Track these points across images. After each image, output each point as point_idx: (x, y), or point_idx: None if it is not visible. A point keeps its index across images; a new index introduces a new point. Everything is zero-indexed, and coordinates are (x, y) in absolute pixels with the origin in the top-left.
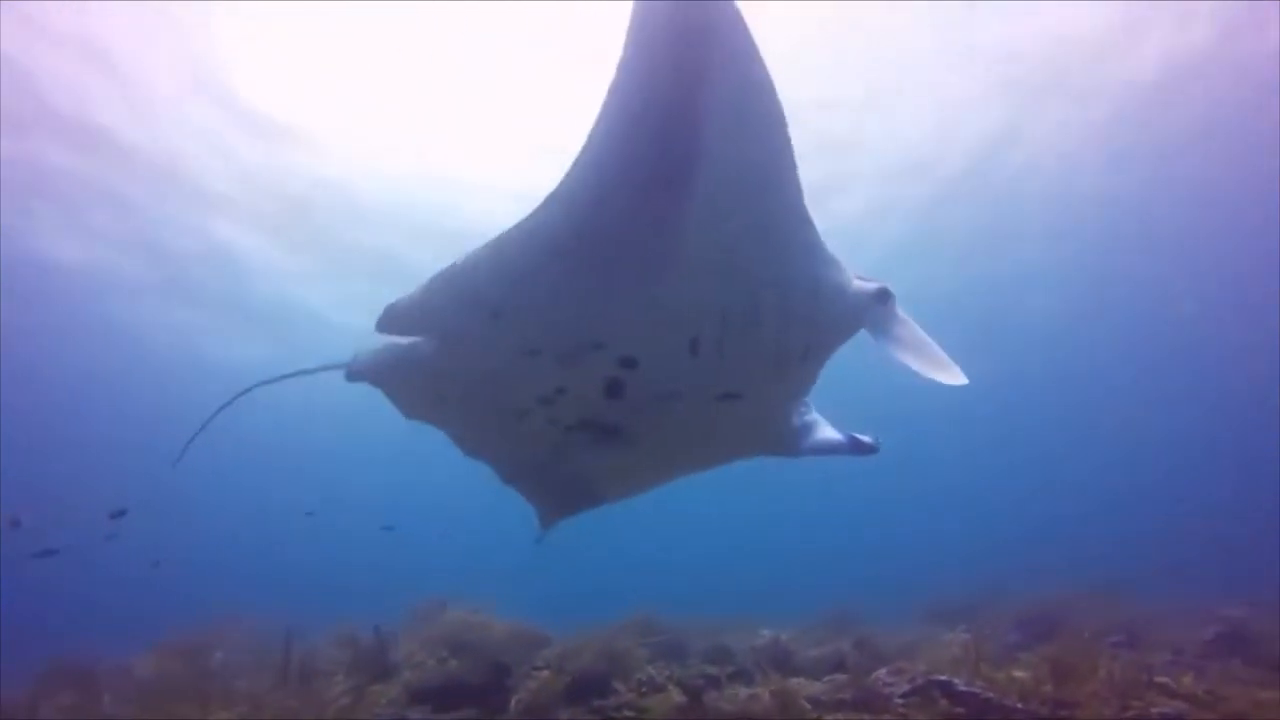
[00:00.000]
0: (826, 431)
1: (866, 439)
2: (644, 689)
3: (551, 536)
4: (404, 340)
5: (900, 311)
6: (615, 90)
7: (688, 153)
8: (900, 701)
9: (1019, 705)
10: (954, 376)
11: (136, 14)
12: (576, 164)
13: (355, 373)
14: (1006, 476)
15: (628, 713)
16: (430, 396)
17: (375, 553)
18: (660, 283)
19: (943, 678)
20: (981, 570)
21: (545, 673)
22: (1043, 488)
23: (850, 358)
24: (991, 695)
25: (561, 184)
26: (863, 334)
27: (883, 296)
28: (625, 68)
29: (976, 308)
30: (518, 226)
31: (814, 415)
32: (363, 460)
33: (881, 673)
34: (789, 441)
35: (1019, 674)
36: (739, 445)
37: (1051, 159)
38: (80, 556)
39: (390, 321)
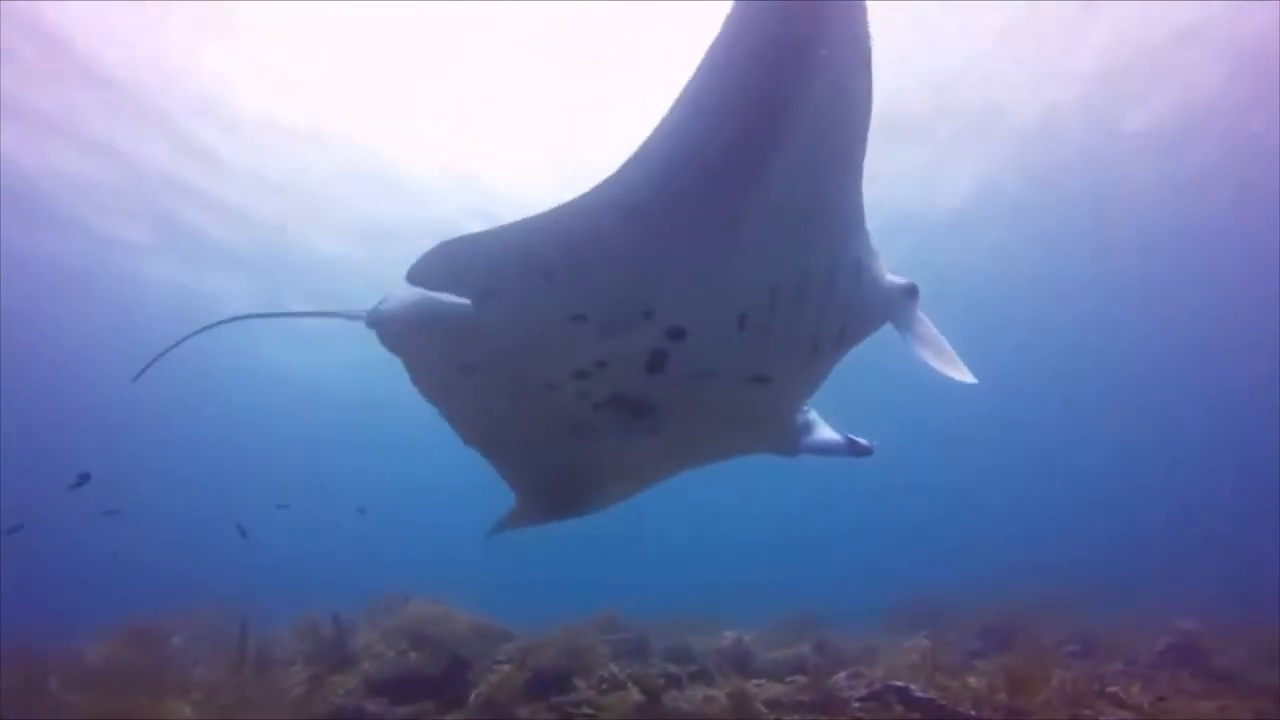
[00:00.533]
0: (825, 431)
1: (863, 441)
2: (604, 686)
3: (525, 534)
4: (441, 295)
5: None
6: (720, 50)
7: (781, 122)
8: (857, 705)
9: (972, 712)
10: (965, 375)
11: None
12: (662, 124)
13: (379, 319)
14: (995, 475)
15: (586, 710)
16: (453, 362)
17: (349, 543)
18: (723, 252)
19: (900, 684)
20: (964, 573)
21: (506, 667)
22: (1032, 488)
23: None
24: (946, 702)
25: (644, 145)
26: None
27: (911, 292)
28: (736, 27)
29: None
30: (589, 191)
31: (813, 414)
32: (340, 449)
33: (840, 677)
34: (792, 438)
35: (974, 682)
36: (750, 437)
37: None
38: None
39: (427, 271)
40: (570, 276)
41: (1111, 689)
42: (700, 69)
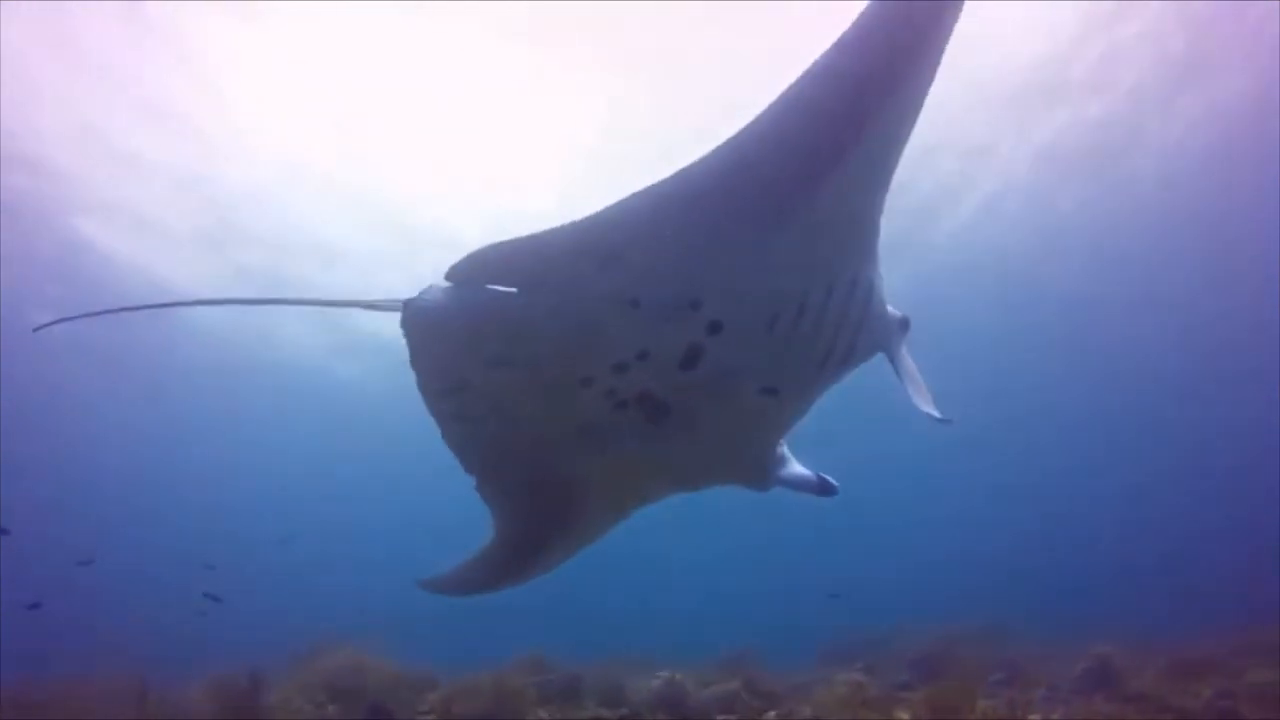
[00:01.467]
0: (797, 466)
1: (831, 480)
2: None
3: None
4: (490, 285)
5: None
6: (841, 53)
7: (864, 131)
8: None
9: None
10: (937, 413)
11: None
12: (758, 120)
13: (421, 307)
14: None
15: None
16: (483, 357)
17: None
18: (774, 251)
19: None
20: (904, 607)
21: (430, 717)
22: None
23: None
24: None
25: (732, 139)
26: None
27: (905, 324)
28: (864, 32)
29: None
30: (663, 179)
31: (785, 448)
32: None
33: (770, 716)
34: (769, 469)
35: (901, 715)
36: (739, 459)
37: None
38: None
39: (470, 268)
40: (627, 260)
41: (1032, 717)
42: (816, 71)
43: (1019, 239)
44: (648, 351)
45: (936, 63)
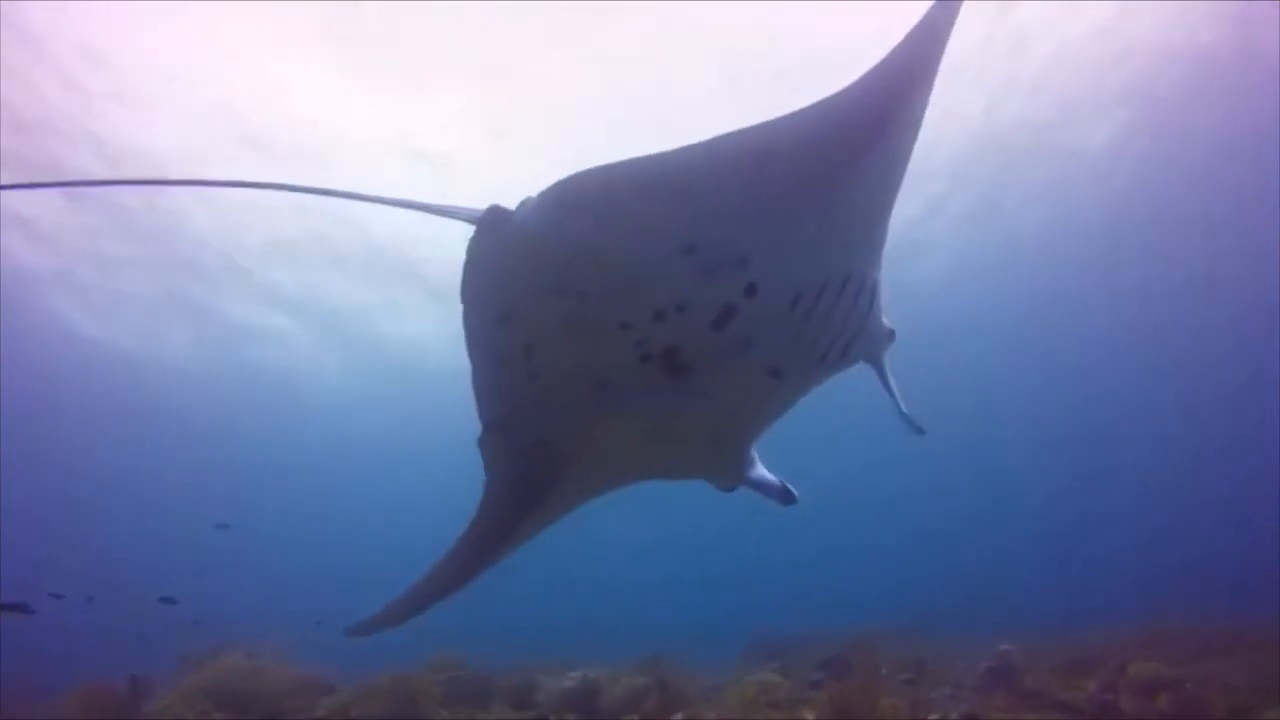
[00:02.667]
0: (764, 470)
1: (792, 489)
2: None
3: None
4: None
5: None
6: (916, 39)
7: (918, 110)
8: None
9: None
10: (912, 427)
11: None
12: (850, 87)
13: (496, 220)
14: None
15: None
16: (543, 284)
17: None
18: (816, 221)
19: None
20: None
21: None
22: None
23: None
24: None
25: (819, 103)
26: None
27: (892, 335)
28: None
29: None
30: (745, 128)
31: (754, 451)
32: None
33: (677, 718)
34: (743, 465)
35: (806, 715)
36: (727, 445)
37: None
38: None
39: (557, 191)
40: (697, 204)
41: (933, 717)
42: (901, 51)
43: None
44: (687, 304)
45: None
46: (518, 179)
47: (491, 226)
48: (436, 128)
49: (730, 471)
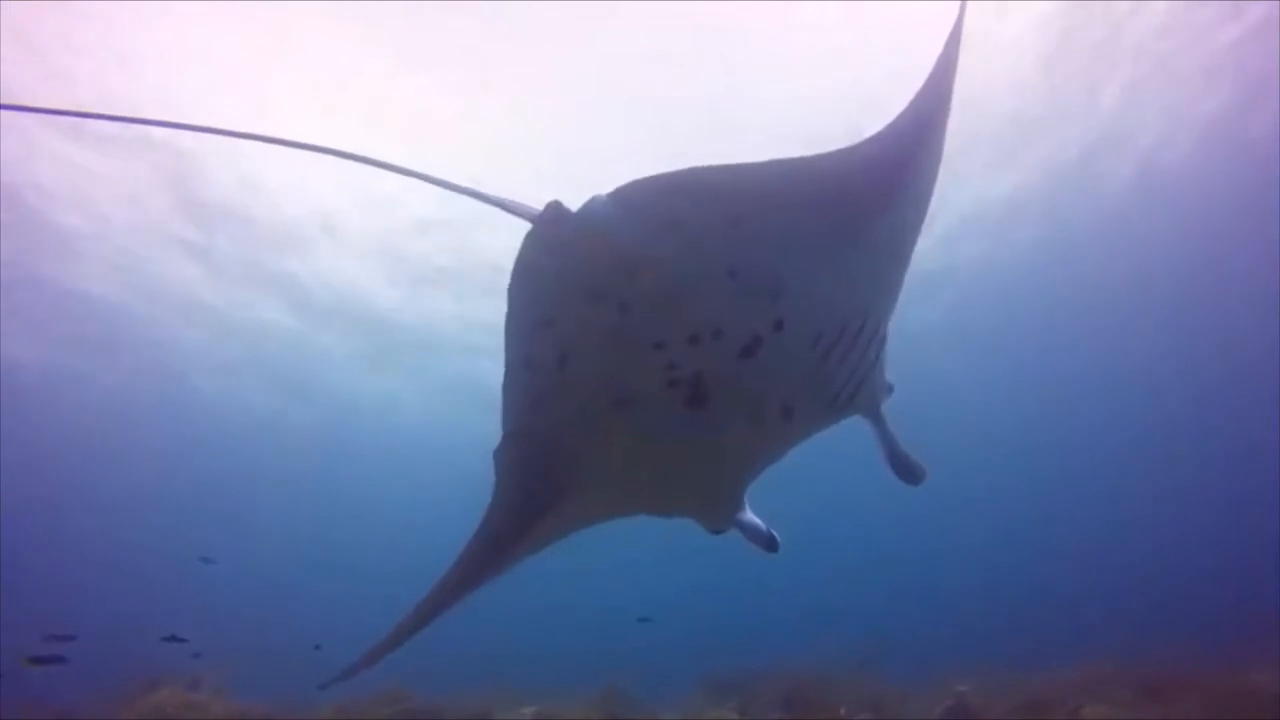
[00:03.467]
0: (752, 514)
1: (777, 536)
2: None
3: None
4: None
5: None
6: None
7: (929, 153)
8: None
9: None
10: (915, 478)
11: None
12: (895, 122)
13: (575, 219)
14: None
15: None
16: (591, 288)
17: None
18: (845, 260)
19: None
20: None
21: None
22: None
23: None
24: None
25: (877, 135)
26: None
27: (890, 389)
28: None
29: None
30: (806, 157)
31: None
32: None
33: None
34: (734, 509)
35: None
36: (728, 484)
37: None
38: None
39: (629, 192)
40: (748, 228)
41: None
42: (925, 92)
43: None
44: (722, 330)
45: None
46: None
47: (549, 223)
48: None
49: (725, 512)
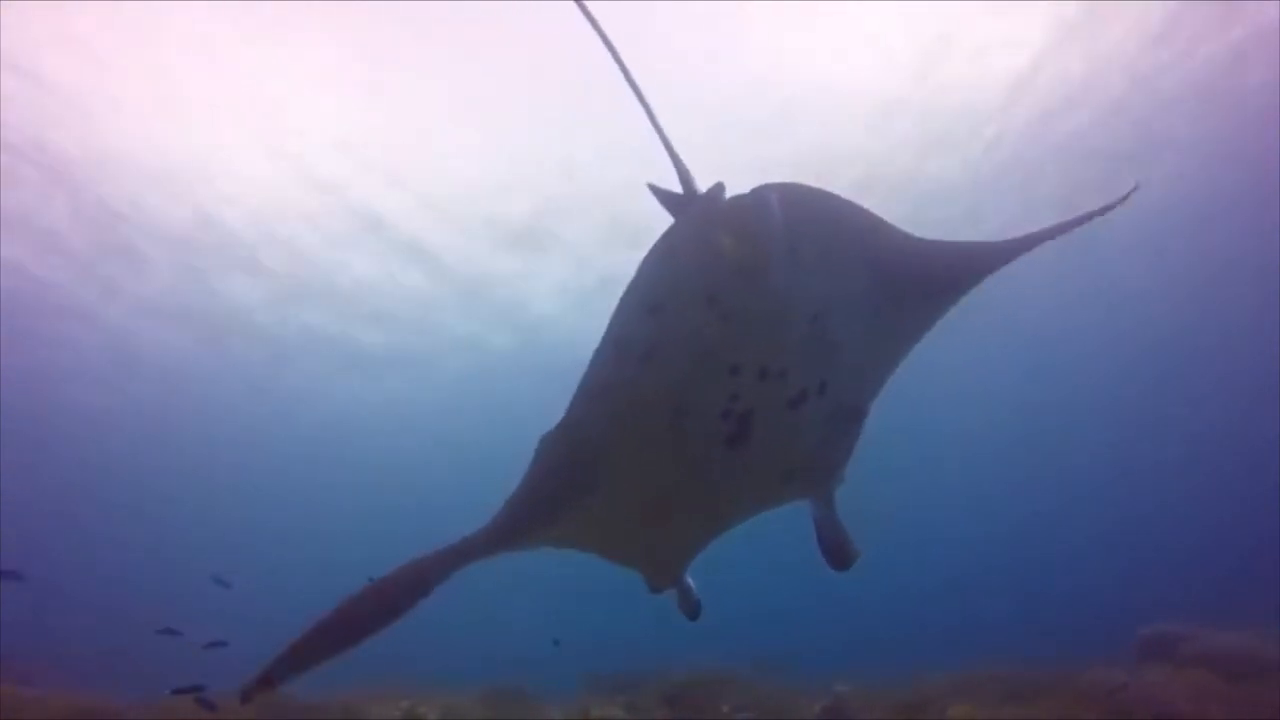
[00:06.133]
0: (689, 578)
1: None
2: None
3: None
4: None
5: None
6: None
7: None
8: None
9: None
10: (847, 563)
11: None
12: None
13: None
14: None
15: None
16: (714, 284)
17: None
18: (892, 340)
19: None
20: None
21: None
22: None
23: None
24: None
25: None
26: None
27: (842, 479)
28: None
29: None
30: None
31: None
32: None
33: None
34: (683, 569)
35: None
36: (697, 539)
37: None
38: None
39: (797, 198)
40: (850, 280)
41: None
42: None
43: None
44: (787, 373)
45: None
46: None
47: (707, 202)
48: None
49: (681, 567)
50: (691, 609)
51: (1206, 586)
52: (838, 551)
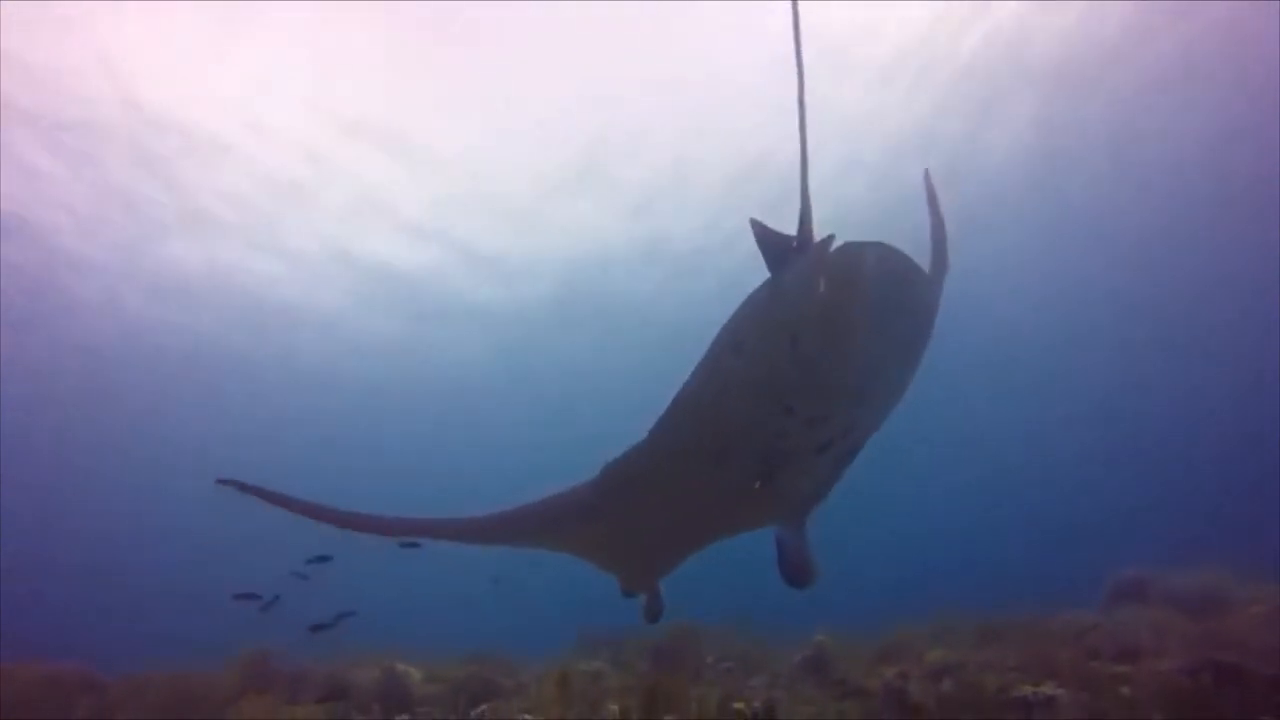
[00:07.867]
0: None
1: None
2: None
3: None
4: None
5: None
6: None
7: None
8: None
9: None
10: (807, 583)
11: None
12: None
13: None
14: None
15: None
16: (790, 333)
17: None
18: (894, 398)
19: (527, 718)
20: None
21: None
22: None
23: None
24: None
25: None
26: None
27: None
28: None
29: None
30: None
31: None
32: None
33: (483, 709)
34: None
35: (612, 705)
36: (680, 555)
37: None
38: None
39: (896, 263)
40: (899, 348)
41: (739, 704)
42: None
43: None
44: (829, 419)
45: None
46: None
47: (820, 249)
48: None
49: (659, 578)
50: (655, 613)
51: (1180, 529)
52: (798, 573)
